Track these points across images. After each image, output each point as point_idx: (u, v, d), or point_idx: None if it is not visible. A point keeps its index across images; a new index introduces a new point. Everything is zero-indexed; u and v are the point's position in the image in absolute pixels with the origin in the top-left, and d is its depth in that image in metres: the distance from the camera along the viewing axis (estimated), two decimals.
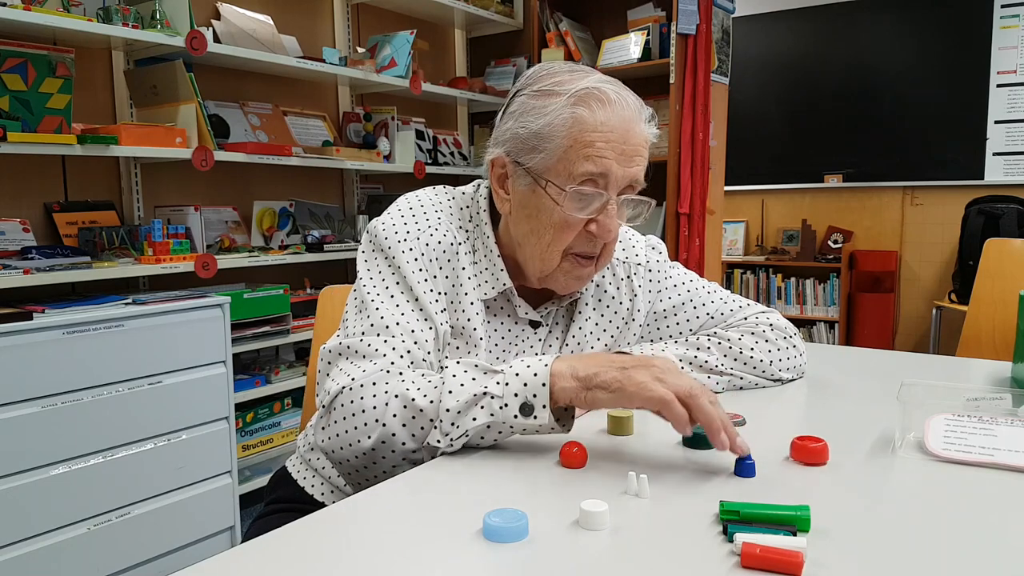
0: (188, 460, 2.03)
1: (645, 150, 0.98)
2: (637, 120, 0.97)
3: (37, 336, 1.71)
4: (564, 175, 0.95)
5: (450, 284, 1.00)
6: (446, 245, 1.00)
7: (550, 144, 0.95)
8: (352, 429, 0.85)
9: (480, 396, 0.82)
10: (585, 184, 0.95)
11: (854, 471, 0.80)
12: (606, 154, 0.94)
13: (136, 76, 2.44)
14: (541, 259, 1.00)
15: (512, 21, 3.64)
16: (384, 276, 0.98)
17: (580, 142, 0.94)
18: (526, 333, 1.07)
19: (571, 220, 0.96)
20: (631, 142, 0.96)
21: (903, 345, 4.66)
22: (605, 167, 0.94)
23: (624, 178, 0.96)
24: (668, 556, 0.62)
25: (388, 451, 0.85)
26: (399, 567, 0.61)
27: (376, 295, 0.96)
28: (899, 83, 4.50)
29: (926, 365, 1.37)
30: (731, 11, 3.45)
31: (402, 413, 0.83)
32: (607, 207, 0.96)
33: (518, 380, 0.82)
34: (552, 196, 0.96)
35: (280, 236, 2.85)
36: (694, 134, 3.21)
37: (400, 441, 0.84)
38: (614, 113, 0.95)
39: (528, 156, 0.97)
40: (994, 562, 0.60)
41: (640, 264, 1.16)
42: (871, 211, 4.71)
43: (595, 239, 0.98)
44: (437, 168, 3.24)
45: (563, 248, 0.98)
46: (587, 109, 0.94)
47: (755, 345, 1.13)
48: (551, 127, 0.95)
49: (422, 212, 1.02)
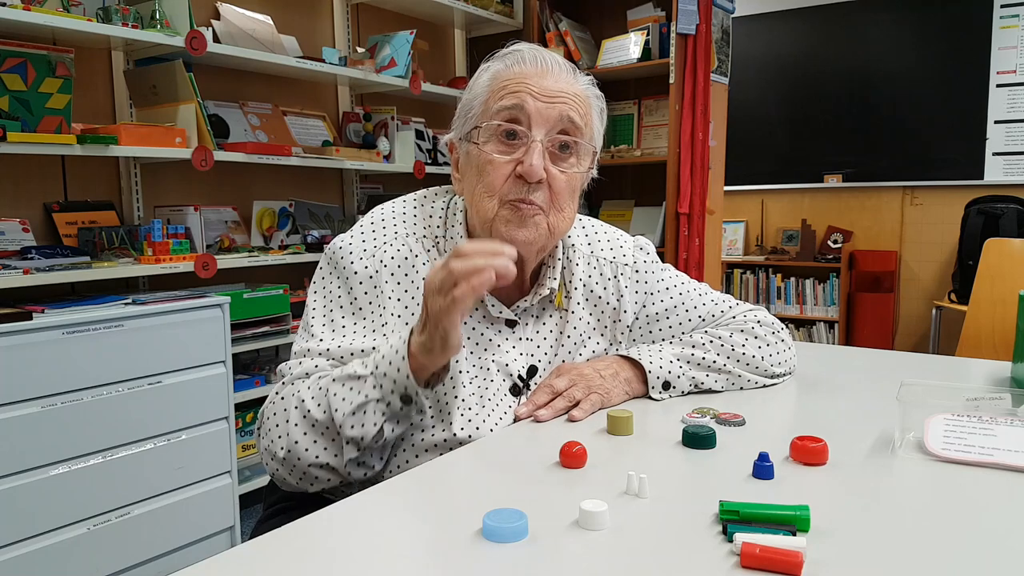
0: (188, 460, 2.03)
1: (572, 97, 0.98)
2: (556, 72, 0.99)
3: (37, 336, 1.71)
4: (485, 122, 0.98)
5: (410, 297, 1.00)
6: (400, 260, 1.00)
7: (475, 104, 1.01)
8: (269, 443, 0.94)
9: (365, 402, 0.87)
10: (505, 121, 0.96)
11: (854, 471, 0.80)
12: (519, 90, 0.96)
13: (136, 76, 2.44)
14: (478, 210, 0.99)
15: (512, 21, 3.64)
16: (331, 297, 1.01)
17: (495, 89, 0.98)
18: (503, 334, 1.05)
19: (495, 161, 0.96)
20: (549, 88, 0.97)
21: (903, 345, 4.66)
22: (519, 99, 0.95)
23: (546, 116, 0.96)
24: (668, 556, 0.62)
25: (295, 459, 0.91)
26: (399, 567, 0.61)
27: (320, 315, 1.00)
28: (899, 83, 4.50)
29: (926, 365, 1.37)
30: (731, 11, 3.45)
31: (302, 423, 0.91)
32: (531, 147, 0.95)
33: (387, 379, 0.87)
34: (477, 143, 0.99)
35: (280, 236, 2.85)
36: (694, 134, 3.21)
37: (303, 448, 0.91)
38: (528, 67, 0.98)
39: (462, 126, 1.03)
40: (994, 562, 0.60)
41: (627, 264, 1.15)
42: (871, 211, 4.71)
43: (525, 183, 0.96)
44: (437, 168, 3.24)
45: (495, 193, 0.97)
46: (502, 64, 1.00)
47: (745, 342, 1.14)
48: (474, 91, 1.01)
49: (382, 227, 1.03)
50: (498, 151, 0.97)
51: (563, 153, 0.99)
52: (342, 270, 1.01)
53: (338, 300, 1.01)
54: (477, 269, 0.81)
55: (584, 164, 1.01)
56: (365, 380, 0.88)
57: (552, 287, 1.07)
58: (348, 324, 0.99)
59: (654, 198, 3.53)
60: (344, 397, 0.88)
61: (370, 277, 0.99)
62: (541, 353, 1.08)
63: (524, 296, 1.07)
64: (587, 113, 1.00)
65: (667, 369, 1.09)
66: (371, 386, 0.87)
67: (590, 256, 1.14)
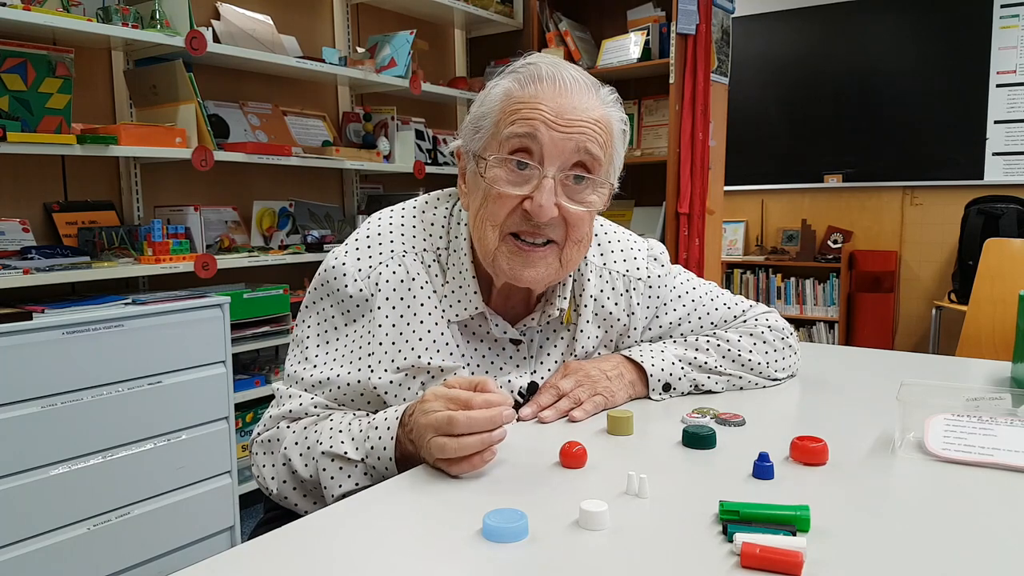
0: (188, 460, 2.03)
1: (592, 124, 0.90)
2: (576, 94, 0.90)
3: (37, 336, 1.71)
4: (495, 148, 0.92)
5: (405, 323, 0.96)
6: (396, 282, 0.96)
7: (486, 122, 0.94)
8: (260, 481, 0.97)
9: (355, 489, 0.87)
10: (515, 153, 0.90)
11: (854, 471, 0.80)
12: (532, 117, 0.88)
13: (136, 76, 2.44)
14: (480, 240, 0.94)
15: (512, 21, 3.64)
16: (325, 317, 0.99)
17: (508, 111, 0.91)
18: (508, 352, 1.03)
19: (502, 193, 0.90)
20: (566, 115, 0.89)
21: (903, 345, 4.66)
22: (531, 127, 0.88)
23: (561, 148, 0.89)
24: (668, 556, 0.62)
25: (290, 504, 0.95)
26: (399, 567, 0.61)
27: (315, 337, 0.99)
28: (899, 83, 4.50)
29: (926, 365, 1.37)
30: (731, 11, 3.45)
31: (291, 479, 0.93)
32: (542, 184, 0.89)
33: (376, 471, 0.87)
34: (483, 174, 0.92)
35: (280, 236, 2.85)
36: (694, 134, 3.20)
37: (292, 502, 0.94)
38: (545, 86, 0.90)
39: (472, 139, 0.96)
40: (994, 562, 0.60)
41: (640, 279, 1.11)
42: (871, 211, 4.71)
43: (531, 219, 0.90)
44: (437, 168, 3.24)
45: (497, 224, 0.91)
46: (516, 83, 0.92)
47: (753, 347, 1.13)
48: (486, 105, 0.94)
49: (377, 242, 0.99)
50: (507, 180, 0.90)
51: (578, 185, 0.92)
52: (335, 291, 0.97)
53: (331, 321, 0.98)
54: (477, 448, 0.78)
55: (602, 197, 0.94)
56: (356, 465, 0.87)
57: (562, 307, 1.03)
58: (341, 348, 0.97)
59: (654, 198, 3.53)
60: (333, 476, 0.88)
61: (365, 300, 0.96)
62: (544, 370, 1.06)
63: (531, 314, 1.03)
64: (608, 142, 0.92)
65: (668, 371, 1.09)
66: (361, 473, 0.87)
67: (602, 269, 1.09)
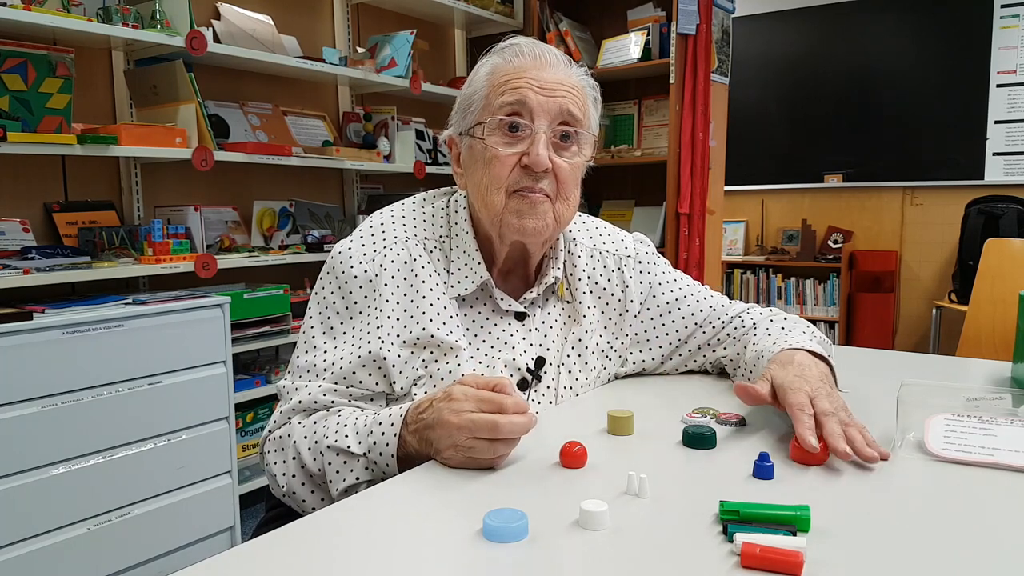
0: (188, 460, 2.03)
1: (570, 89, 1.00)
2: (554, 65, 1.00)
3: (37, 336, 1.71)
4: (488, 118, 1.00)
5: (409, 300, 1.00)
6: (400, 264, 1.01)
7: (475, 100, 1.02)
8: (271, 479, 0.98)
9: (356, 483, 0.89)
10: (509, 117, 0.98)
11: (854, 471, 0.80)
12: (520, 86, 0.98)
13: (136, 76, 2.44)
14: (486, 203, 1.00)
15: (512, 21, 3.64)
16: (328, 303, 1.02)
17: (496, 84, 1.00)
18: (513, 327, 1.06)
19: (500, 155, 0.98)
20: (548, 80, 0.99)
21: (903, 345, 4.66)
22: (520, 95, 0.97)
23: (547, 109, 0.98)
24: (668, 556, 0.62)
25: (298, 500, 0.95)
26: (399, 567, 0.61)
27: (319, 323, 1.02)
28: (899, 83, 4.50)
29: (926, 365, 1.37)
30: (731, 11, 3.45)
31: (300, 473, 0.94)
32: (536, 138, 0.98)
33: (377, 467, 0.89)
34: (481, 137, 1.00)
35: (280, 236, 2.85)
36: (694, 134, 3.20)
37: (300, 498, 0.94)
38: (527, 60, 1.00)
39: (463, 120, 1.04)
40: (994, 562, 0.60)
41: (630, 256, 1.17)
42: (871, 211, 4.71)
43: (532, 172, 0.98)
44: (437, 168, 3.24)
45: (502, 186, 0.99)
46: (501, 58, 1.02)
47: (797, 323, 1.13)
48: (474, 85, 1.03)
49: (381, 231, 1.05)
50: (503, 143, 0.99)
51: (565, 143, 1.01)
52: (339, 275, 1.02)
53: (334, 306, 1.02)
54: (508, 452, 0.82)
55: (586, 152, 1.03)
56: (358, 460, 0.89)
57: (556, 275, 1.09)
58: (347, 330, 1.00)
59: (654, 198, 3.53)
60: (338, 470, 0.90)
61: (369, 281, 1.00)
62: (549, 342, 1.08)
63: (530, 288, 1.09)
64: (584, 104, 1.03)
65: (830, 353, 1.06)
66: (363, 467, 0.89)
67: (592, 249, 1.16)
